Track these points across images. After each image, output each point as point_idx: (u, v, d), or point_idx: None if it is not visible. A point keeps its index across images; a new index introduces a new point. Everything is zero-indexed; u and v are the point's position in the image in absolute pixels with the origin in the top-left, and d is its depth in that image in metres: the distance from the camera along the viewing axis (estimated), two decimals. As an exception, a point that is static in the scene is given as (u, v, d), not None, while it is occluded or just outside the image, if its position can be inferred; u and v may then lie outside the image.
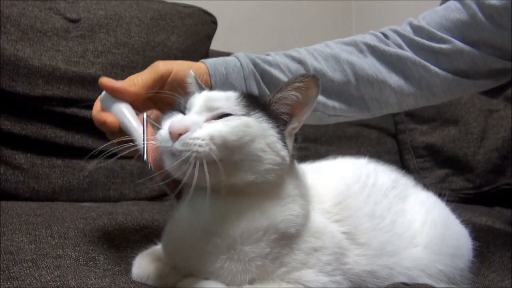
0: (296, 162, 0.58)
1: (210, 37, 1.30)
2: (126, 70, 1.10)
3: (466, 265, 0.67)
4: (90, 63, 1.05)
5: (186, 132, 0.48)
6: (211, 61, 0.72)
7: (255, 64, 0.74)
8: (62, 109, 1.02)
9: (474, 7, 0.76)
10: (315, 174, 0.63)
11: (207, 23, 1.29)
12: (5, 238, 0.67)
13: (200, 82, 0.62)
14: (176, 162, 0.48)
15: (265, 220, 0.52)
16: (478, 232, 0.73)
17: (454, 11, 0.78)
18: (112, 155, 1.12)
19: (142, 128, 0.56)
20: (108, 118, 0.61)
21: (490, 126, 1.35)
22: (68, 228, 0.73)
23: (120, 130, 0.60)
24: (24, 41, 1.00)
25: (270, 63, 0.75)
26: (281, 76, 0.74)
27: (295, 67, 0.76)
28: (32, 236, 0.69)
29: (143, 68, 1.13)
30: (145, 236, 0.74)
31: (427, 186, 0.76)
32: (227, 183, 0.50)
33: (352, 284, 0.57)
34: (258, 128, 0.51)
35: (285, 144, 0.53)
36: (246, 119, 0.51)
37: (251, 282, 0.53)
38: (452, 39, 0.77)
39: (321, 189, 0.60)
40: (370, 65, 0.78)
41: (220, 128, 0.50)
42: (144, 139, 0.55)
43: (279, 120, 0.55)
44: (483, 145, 1.33)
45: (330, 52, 0.78)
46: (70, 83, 1.02)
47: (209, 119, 0.51)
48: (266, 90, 0.74)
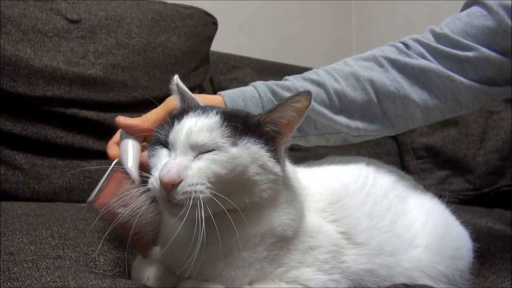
0: (287, 163, 0.58)
1: (210, 38, 1.31)
2: (127, 71, 1.10)
3: (466, 266, 0.67)
4: (91, 64, 1.05)
5: (179, 181, 0.48)
6: (228, 93, 0.72)
7: (274, 93, 0.74)
8: (62, 109, 1.02)
9: (502, 12, 0.74)
10: (312, 173, 0.63)
11: (207, 24, 1.29)
12: (5, 238, 0.67)
13: (182, 88, 0.60)
14: (183, 212, 0.47)
15: (262, 226, 0.52)
16: (478, 234, 0.73)
17: (479, 17, 0.76)
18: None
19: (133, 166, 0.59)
20: (111, 152, 0.66)
21: (490, 128, 1.35)
22: (68, 229, 0.74)
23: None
24: (25, 41, 1.00)
25: (289, 89, 0.74)
26: None
27: (315, 90, 0.75)
28: (32, 236, 0.69)
29: (144, 69, 1.15)
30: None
31: (427, 187, 0.76)
32: (225, 208, 0.49)
33: (352, 282, 0.57)
34: (248, 155, 0.50)
35: (277, 159, 0.53)
36: (233, 152, 0.50)
37: (250, 283, 0.53)
38: (478, 46, 0.74)
39: (316, 188, 0.60)
40: (391, 80, 0.75)
41: (210, 166, 0.49)
42: (101, 181, 0.56)
43: (269, 137, 0.53)
44: (483, 146, 1.33)
45: (349, 70, 0.77)
46: (71, 83, 1.02)
47: (196, 156, 0.50)
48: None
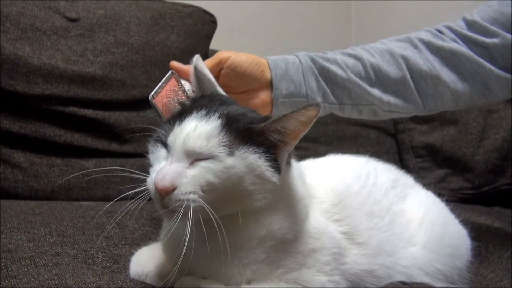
0: (293, 163, 0.57)
1: (210, 36, 1.30)
2: (126, 69, 1.10)
3: (465, 264, 0.67)
4: (90, 62, 1.05)
5: (173, 188, 0.48)
6: (272, 58, 0.76)
7: (314, 61, 0.77)
8: (61, 108, 1.02)
9: None
10: (315, 173, 0.63)
11: (206, 23, 1.29)
12: (3, 236, 0.66)
13: (200, 71, 0.61)
14: (175, 218, 0.48)
15: (261, 230, 0.52)
16: (476, 232, 0.73)
17: (508, 5, 0.78)
18: (111, 154, 1.12)
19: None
20: (173, 63, 0.71)
21: (489, 126, 1.34)
22: (66, 227, 0.74)
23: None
24: (23, 40, 1.00)
25: (328, 59, 0.78)
26: (338, 71, 0.77)
27: (352, 62, 0.79)
28: (31, 234, 0.69)
29: (143, 67, 1.15)
30: (143, 234, 0.74)
31: (426, 186, 0.76)
32: (219, 215, 0.49)
33: (351, 283, 0.57)
34: (244, 166, 0.49)
35: (276, 167, 0.51)
36: (229, 162, 0.49)
37: (248, 282, 0.53)
38: (504, 33, 0.76)
39: (320, 189, 0.60)
40: (424, 60, 0.79)
41: (204, 175, 0.49)
42: (158, 85, 0.63)
43: (271, 145, 0.52)
44: (483, 145, 1.33)
45: (385, 47, 0.81)
46: (70, 82, 1.02)
47: (191, 162, 0.50)
48: (324, 85, 0.77)
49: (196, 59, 0.62)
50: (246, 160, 0.50)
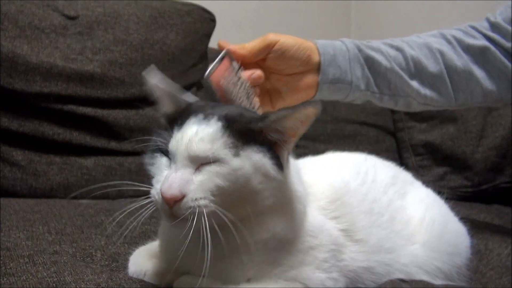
0: (291, 160, 0.56)
1: (208, 35, 1.30)
2: (125, 67, 1.10)
3: (464, 262, 0.66)
4: (88, 60, 1.05)
5: (182, 196, 0.47)
6: (321, 42, 0.76)
7: (360, 49, 0.77)
8: (60, 106, 1.02)
9: None
10: (313, 170, 0.63)
11: (205, 21, 1.29)
12: (2, 234, 0.66)
13: (163, 87, 0.54)
14: (189, 226, 0.46)
15: (265, 233, 0.51)
16: (476, 229, 0.73)
17: None
18: (110, 153, 1.12)
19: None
20: (222, 43, 0.70)
21: (489, 125, 1.34)
22: (65, 225, 0.73)
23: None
24: (22, 38, 0.99)
25: (373, 48, 0.79)
26: (383, 60, 0.78)
27: (394, 53, 0.79)
28: (29, 232, 0.69)
29: (142, 65, 1.14)
30: (142, 233, 0.74)
31: (426, 184, 0.76)
32: (228, 219, 0.48)
33: (349, 280, 0.57)
34: (250, 165, 0.48)
35: (279, 164, 0.51)
36: (235, 163, 0.48)
37: (248, 280, 0.52)
38: None
39: (317, 186, 0.59)
40: (458, 55, 0.81)
41: (212, 179, 0.48)
42: (212, 64, 0.62)
43: (272, 143, 0.51)
44: (482, 143, 1.33)
45: (422, 41, 0.82)
46: (68, 80, 1.02)
47: (197, 168, 0.48)
48: (368, 74, 0.77)
49: (149, 77, 0.54)
50: (252, 159, 0.49)
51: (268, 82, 0.74)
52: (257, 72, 0.69)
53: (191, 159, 0.48)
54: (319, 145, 1.32)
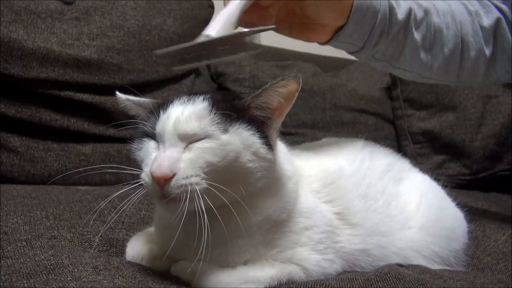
0: (279, 145, 0.56)
1: (207, 21, 1.28)
2: (122, 53, 1.09)
3: (461, 247, 0.67)
4: (85, 46, 1.04)
5: (172, 174, 0.46)
6: (359, 2, 0.68)
7: (391, 12, 0.71)
8: (57, 92, 1.01)
9: None
10: (308, 154, 0.63)
11: (204, 7, 1.27)
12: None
13: (137, 101, 0.56)
14: (182, 206, 0.46)
15: (258, 215, 0.52)
16: (473, 216, 0.74)
17: None
18: (108, 139, 1.11)
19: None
20: None
21: (488, 112, 1.34)
22: (63, 210, 0.73)
23: None
24: (17, 22, 0.98)
25: (403, 11, 0.72)
26: (406, 28, 0.72)
27: (420, 16, 0.74)
28: (27, 217, 0.69)
29: (139, 51, 1.13)
30: (141, 218, 0.74)
31: (424, 172, 0.76)
32: (224, 198, 0.48)
33: (346, 262, 0.57)
34: (240, 141, 0.49)
35: (269, 146, 0.51)
36: (224, 138, 0.48)
37: (244, 262, 0.53)
38: None
39: (311, 169, 0.60)
40: (475, 31, 0.77)
41: (202, 155, 0.47)
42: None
43: (259, 122, 0.52)
44: (481, 131, 1.33)
45: (447, 8, 0.77)
46: (65, 65, 1.01)
47: (186, 146, 0.48)
48: (386, 43, 0.72)
49: (119, 97, 0.57)
50: (241, 136, 0.49)
51: (287, 12, 0.69)
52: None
53: (180, 138, 0.48)
54: (318, 132, 1.32)
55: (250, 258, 0.53)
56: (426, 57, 0.76)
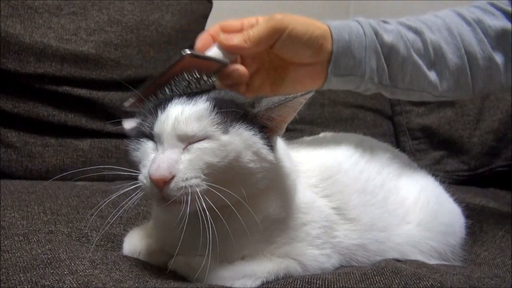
0: (278, 141, 0.56)
1: (205, 16, 1.29)
2: (120, 48, 1.08)
3: (458, 242, 0.67)
4: (83, 41, 1.04)
5: (171, 177, 0.45)
6: (335, 24, 0.67)
7: (376, 34, 0.69)
8: (54, 87, 1.01)
9: None
10: (306, 149, 0.63)
11: (202, 2, 1.27)
12: (-3, 214, 0.66)
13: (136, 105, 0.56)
14: (183, 208, 0.45)
15: (258, 215, 0.51)
16: (471, 211, 0.74)
17: None
18: (106, 135, 1.11)
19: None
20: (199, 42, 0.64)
21: (486, 108, 1.34)
22: (61, 205, 0.73)
23: None
24: (14, 17, 0.98)
25: (391, 31, 0.71)
26: (401, 47, 0.70)
27: (412, 37, 0.72)
28: (24, 212, 0.69)
29: (137, 47, 1.13)
30: (138, 213, 0.74)
31: (422, 168, 0.76)
32: (225, 199, 0.47)
33: (343, 257, 0.57)
34: (240, 141, 0.48)
35: (270, 146, 0.51)
36: (224, 139, 0.47)
37: (242, 257, 0.53)
38: None
39: (309, 164, 0.59)
40: (479, 40, 0.74)
41: (201, 157, 0.46)
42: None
43: (262, 125, 0.51)
44: (479, 127, 1.33)
45: (441, 22, 0.75)
46: (63, 61, 1.01)
47: (185, 147, 0.47)
48: (384, 64, 0.70)
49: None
50: (242, 136, 0.48)
51: (270, 66, 0.68)
52: (240, 69, 0.61)
53: (178, 138, 0.47)
54: (316, 128, 1.32)
55: (248, 254, 0.53)
56: (432, 74, 0.73)
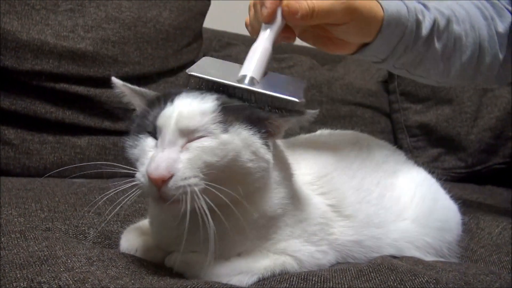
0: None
1: (203, 13, 1.28)
2: (117, 45, 1.08)
3: (455, 238, 0.67)
4: (80, 38, 1.03)
5: (170, 176, 0.45)
6: (390, 10, 0.64)
7: (418, 26, 0.68)
8: (52, 84, 1.01)
9: None
10: (302, 146, 0.63)
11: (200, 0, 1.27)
12: (-7, 211, 0.66)
13: (135, 89, 0.55)
14: (183, 207, 0.45)
15: (255, 214, 0.52)
16: (468, 208, 0.74)
17: None
18: (104, 132, 1.11)
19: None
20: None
21: (484, 106, 1.34)
22: (58, 203, 0.73)
23: None
24: (11, 14, 0.98)
25: (429, 20, 0.69)
26: (429, 37, 0.69)
27: (443, 26, 0.71)
28: (22, 209, 0.69)
29: (135, 44, 1.13)
30: (136, 211, 0.74)
31: (420, 165, 0.76)
32: (223, 197, 0.47)
33: (339, 253, 0.58)
34: (239, 141, 0.48)
35: (268, 146, 0.51)
36: (224, 138, 0.47)
37: (238, 254, 0.53)
38: None
39: (306, 162, 0.60)
40: (490, 36, 0.76)
41: (200, 156, 0.46)
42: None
43: (261, 124, 0.51)
44: (477, 124, 1.33)
45: (465, 14, 0.75)
46: (60, 58, 1.01)
47: (184, 145, 0.47)
48: (409, 54, 0.69)
49: (116, 81, 0.55)
50: (241, 135, 0.48)
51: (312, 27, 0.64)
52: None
53: (180, 133, 0.47)
54: (314, 125, 1.30)
55: (245, 250, 0.53)
56: (444, 65, 0.75)
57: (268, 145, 0.51)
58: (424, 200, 0.65)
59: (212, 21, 1.37)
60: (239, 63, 0.73)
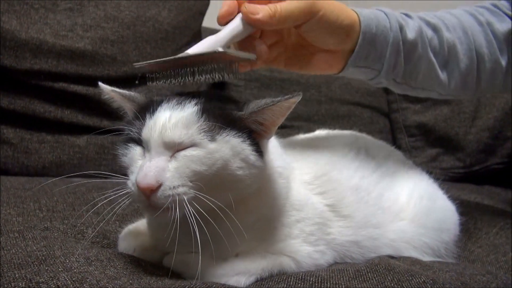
0: (271, 139, 0.55)
1: (202, 13, 1.28)
2: (116, 45, 1.08)
3: (452, 238, 0.67)
4: (79, 37, 1.03)
5: (158, 185, 0.45)
6: (364, 14, 0.64)
7: (401, 29, 0.67)
8: (50, 83, 1.01)
9: None
10: (301, 146, 0.63)
11: (199, -1, 1.27)
12: (-8, 210, 0.66)
13: (124, 94, 0.55)
14: (173, 215, 0.45)
15: (250, 217, 0.52)
16: (465, 208, 0.74)
17: None
18: (103, 131, 1.11)
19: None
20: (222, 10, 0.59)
21: (482, 106, 1.34)
22: (56, 202, 0.73)
23: None
24: (10, 13, 0.97)
25: (413, 28, 0.69)
26: (418, 44, 0.68)
27: (431, 34, 0.71)
28: (20, 209, 0.69)
29: (134, 43, 1.13)
30: (134, 210, 0.74)
31: (418, 165, 0.76)
32: (212, 205, 0.47)
33: (337, 253, 0.58)
34: (228, 149, 0.47)
35: (260, 152, 0.50)
36: (211, 147, 0.47)
37: (236, 254, 0.53)
38: None
39: (303, 162, 0.60)
40: (488, 41, 0.74)
41: (189, 165, 0.46)
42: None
43: (251, 130, 0.50)
44: (475, 124, 1.34)
45: (457, 21, 0.74)
46: (59, 57, 1.00)
47: (172, 154, 0.47)
48: (402, 62, 0.68)
49: (104, 86, 0.56)
50: (229, 143, 0.48)
51: (289, 41, 0.65)
52: (262, 51, 0.59)
53: (165, 146, 0.47)
54: (313, 125, 1.32)
55: (242, 251, 0.53)
56: (442, 74, 0.73)
57: (260, 150, 0.50)
58: (422, 200, 0.65)
59: (211, 20, 1.37)
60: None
